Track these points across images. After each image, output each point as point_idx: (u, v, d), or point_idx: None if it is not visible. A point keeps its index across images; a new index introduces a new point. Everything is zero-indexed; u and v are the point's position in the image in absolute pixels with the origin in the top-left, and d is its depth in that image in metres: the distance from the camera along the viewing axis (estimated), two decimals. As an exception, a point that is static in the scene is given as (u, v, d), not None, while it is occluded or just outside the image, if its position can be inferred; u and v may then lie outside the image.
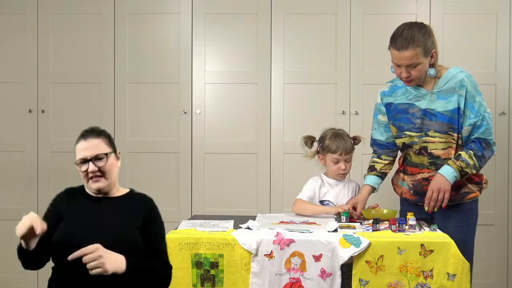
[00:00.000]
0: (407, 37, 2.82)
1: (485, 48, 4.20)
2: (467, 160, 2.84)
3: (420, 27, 2.87)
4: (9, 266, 4.17)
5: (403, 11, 4.19)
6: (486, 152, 2.88)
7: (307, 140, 3.22)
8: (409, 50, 2.81)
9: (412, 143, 2.99)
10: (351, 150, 3.16)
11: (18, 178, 4.36)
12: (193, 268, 2.62)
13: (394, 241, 2.57)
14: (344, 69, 4.23)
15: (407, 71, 2.85)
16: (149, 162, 4.30)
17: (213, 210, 4.18)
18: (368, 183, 3.12)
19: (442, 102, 2.90)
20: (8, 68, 4.36)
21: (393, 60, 2.88)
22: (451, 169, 2.85)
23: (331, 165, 3.15)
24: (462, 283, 2.53)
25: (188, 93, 4.29)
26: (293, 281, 2.60)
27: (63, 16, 4.33)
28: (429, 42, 2.85)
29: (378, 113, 3.11)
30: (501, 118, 4.18)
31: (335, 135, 3.16)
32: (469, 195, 2.97)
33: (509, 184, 4.20)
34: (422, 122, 2.94)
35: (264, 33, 4.26)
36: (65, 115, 4.32)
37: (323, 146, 3.17)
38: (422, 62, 2.84)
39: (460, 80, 2.88)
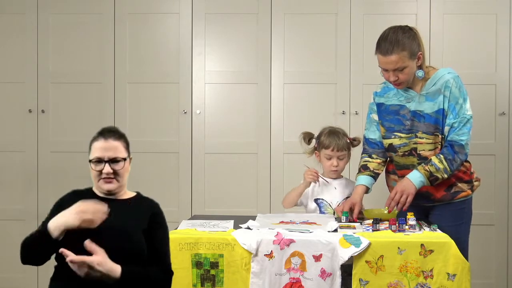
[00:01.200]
0: (391, 41, 2.85)
1: (485, 48, 4.19)
2: (436, 164, 2.86)
3: (405, 31, 2.89)
4: (9, 266, 4.17)
5: (403, 11, 4.19)
6: (457, 155, 2.88)
7: (305, 136, 3.26)
8: (394, 54, 2.83)
9: (402, 145, 3.00)
10: (344, 148, 3.17)
11: (18, 178, 4.36)
12: (193, 268, 2.62)
13: (394, 241, 2.58)
14: (344, 69, 4.23)
15: (395, 74, 2.88)
16: (149, 162, 4.29)
17: (213, 210, 4.18)
18: (362, 183, 3.10)
19: (430, 104, 2.93)
20: (8, 68, 4.36)
21: (380, 65, 2.91)
22: (419, 174, 2.87)
23: (324, 161, 3.20)
24: (462, 283, 2.53)
25: (188, 93, 4.29)
26: (293, 281, 2.60)
27: (63, 16, 4.33)
28: (414, 44, 2.87)
29: (371, 112, 3.14)
30: (501, 118, 4.18)
31: (331, 132, 3.21)
32: (460, 194, 2.99)
33: (509, 184, 4.20)
34: (412, 124, 2.97)
35: (264, 33, 4.26)
36: (65, 115, 4.32)
37: (319, 142, 3.21)
38: (408, 65, 2.86)
39: (446, 81, 2.90)
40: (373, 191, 3.14)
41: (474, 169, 3.08)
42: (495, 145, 4.19)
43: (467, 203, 3.03)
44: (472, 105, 2.97)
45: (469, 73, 3.96)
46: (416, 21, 4.12)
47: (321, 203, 3.14)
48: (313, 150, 3.25)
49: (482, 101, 4.08)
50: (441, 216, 2.96)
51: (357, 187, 3.10)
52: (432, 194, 2.98)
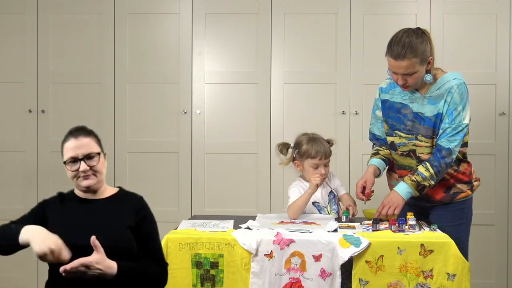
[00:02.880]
0: (404, 45, 2.79)
1: (485, 48, 4.19)
2: (423, 173, 2.86)
3: (418, 35, 2.83)
4: (9, 266, 4.17)
5: (403, 11, 4.19)
6: (443, 160, 2.85)
7: (282, 147, 3.17)
8: (406, 60, 2.78)
9: (401, 144, 3.00)
10: (329, 154, 3.11)
11: (18, 178, 4.36)
12: (193, 268, 2.62)
13: (394, 241, 2.57)
14: (344, 69, 4.23)
15: (404, 78, 2.84)
16: (149, 162, 4.30)
17: (213, 210, 4.18)
18: (373, 164, 3.09)
19: (431, 107, 2.91)
20: (8, 68, 4.36)
21: (389, 68, 2.88)
22: (405, 186, 2.87)
23: (310, 170, 3.09)
24: (462, 283, 2.53)
25: (188, 93, 4.29)
26: (293, 281, 2.60)
27: (63, 16, 4.33)
28: (426, 50, 2.82)
29: (376, 108, 3.13)
30: (501, 118, 4.18)
31: (312, 140, 3.11)
32: (460, 195, 2.98)
33: (509, 184, 4.20)
34: (413, 125, 2.96)
35: (264, 33, 4.26)
36: (65, 115, 4.32)
37: (300, 152, 3.11)
38: (418, 70, 2.83)
39: (450, 87, 2.87)
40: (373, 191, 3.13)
41: (474, 169, 3.08)
42: (495, 145, 4.19)
43: (467, 203, 3.02)
44: (472, 105, 2.96)
45: (469, 73, 3.95)
46: (416, 21, 4.12)
47: (318, 206, 3.14)
48: (290, 160, 3.17)
49: (482, 101, 4.08)
50: (441, 216, 2.96)
51: (368, 167, 3.09)
52: (431, 196, 2.98)
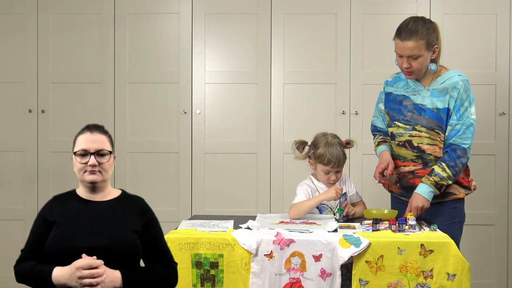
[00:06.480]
0: (411, 28, 2.91)
1: (485, 48, 4.20)
2: (440, 174, 2.90)
3: (426, 22, 2.96)
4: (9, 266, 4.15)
5: (403, 11, 4.18)
6: (459, 160, 2.91)
7: (299, 145, 3.16)
8: (412, 41, 2.89)
9: (398, 134, 3.06)
10: (342, 163, 3.09)
11: (18, 178, 4.36)
12: (193, 268, 2.62)
13: (394, 241, 2.58)
14: (344, 69, 4.23)
15: (408, 62, 2.93)
16: (149, 162, 4.30)
17: (213, 210, 4.18)
18: (386, 149, 3.13)
19: (434, 100, 2.97)
20: (8, 68, 4.36)
21: (396, 50, 2.97)
22: (426, 186, 2.92)
23: (321, 174, 3.10)
24: (462, 283, 2.54)
25: (188, 93, 4.29)
26: (293, 281, 2.60)
27: (63, 16, 4.33)
28: (432, 36, 2.93)
29: (380, 101, 3.21)
30: (501, 118, 4.18)
31: (328, 145, 3.07)
32: (452, 196, 3.02)
33: (509, 184, 4.20)
34: (412, 116, 3.02)
35: (264, 33, 4.26)
36: (65, 115, 4.32)
37: (315, 153, 3.09)
38: (423, 55, 2.92)
39: (455, 82, 2.95)
40: (372, 191, 3.14)
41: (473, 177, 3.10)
42: (495, 145, 4.19)
43: (459, 204, 3.06)
44: (472, 106, 2.98)
45: (469, 73, 3.91)
46: (416, 21, 4.11)
47: (322, 207, 3.14)
48: (306, 156, 3.16)
49: (482, 101, 4.07)
50: (434, 214, 2.99)
51: (383, 152, 3.12)
52: None
